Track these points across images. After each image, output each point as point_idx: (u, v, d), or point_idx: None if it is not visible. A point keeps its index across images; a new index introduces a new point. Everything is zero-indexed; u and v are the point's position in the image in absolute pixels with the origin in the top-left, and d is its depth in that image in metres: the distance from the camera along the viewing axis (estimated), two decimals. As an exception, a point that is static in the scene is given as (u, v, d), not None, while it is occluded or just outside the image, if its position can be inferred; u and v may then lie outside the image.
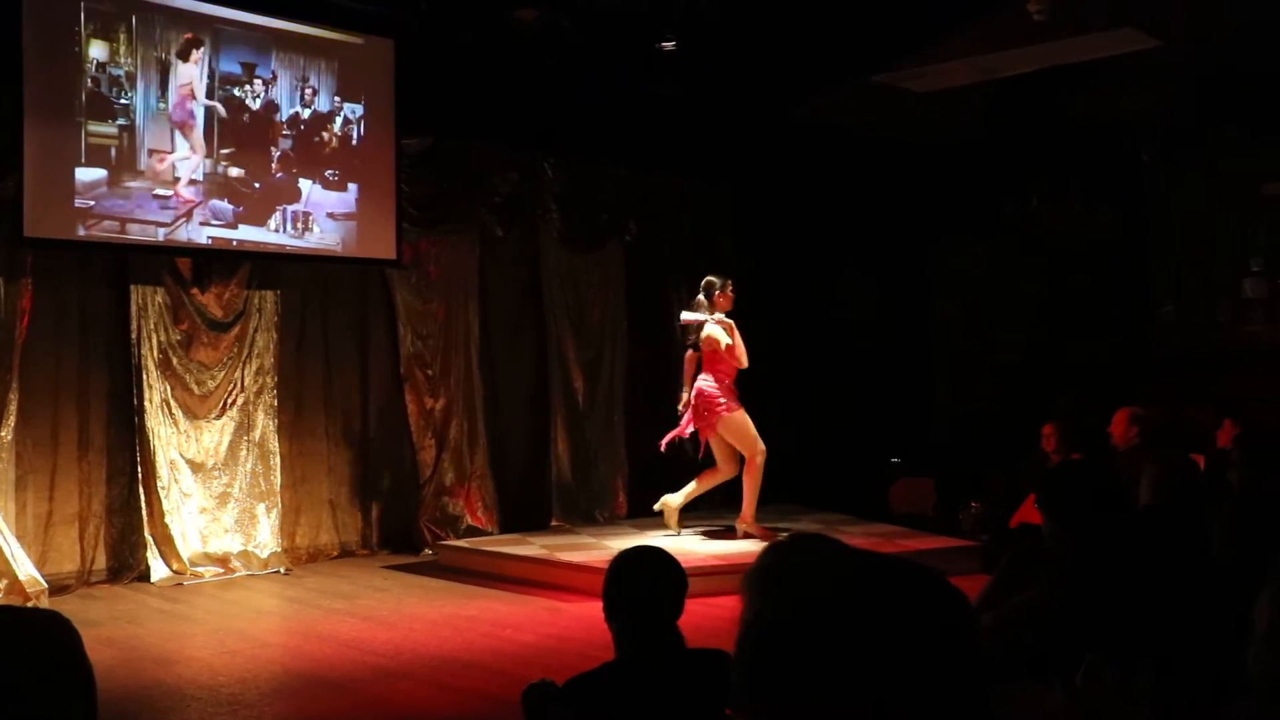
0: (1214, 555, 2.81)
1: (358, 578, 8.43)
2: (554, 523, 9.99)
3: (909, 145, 11.28)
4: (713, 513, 9.86)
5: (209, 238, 8.28)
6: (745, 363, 8.63)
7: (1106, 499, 3.06)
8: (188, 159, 8.15)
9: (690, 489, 8.84)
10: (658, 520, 9.11)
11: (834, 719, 1.08)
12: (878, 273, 11.85)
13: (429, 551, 9.20)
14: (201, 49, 8.14)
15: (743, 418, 8.58)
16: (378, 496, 9.46)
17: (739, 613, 1.20)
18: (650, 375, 10.49)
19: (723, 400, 8.55)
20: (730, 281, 8.72)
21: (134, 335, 8.23)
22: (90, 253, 8.01)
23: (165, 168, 8.05)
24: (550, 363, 10.28)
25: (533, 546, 8.75)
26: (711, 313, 8.63)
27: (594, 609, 3.02)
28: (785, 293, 11.44)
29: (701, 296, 8.72)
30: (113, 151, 7.84)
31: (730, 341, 8.56)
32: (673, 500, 8.85)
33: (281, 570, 8.55)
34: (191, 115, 8.14)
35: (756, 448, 8.57)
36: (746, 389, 11.30)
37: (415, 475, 9.52)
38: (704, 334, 8.57)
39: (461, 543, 9.13)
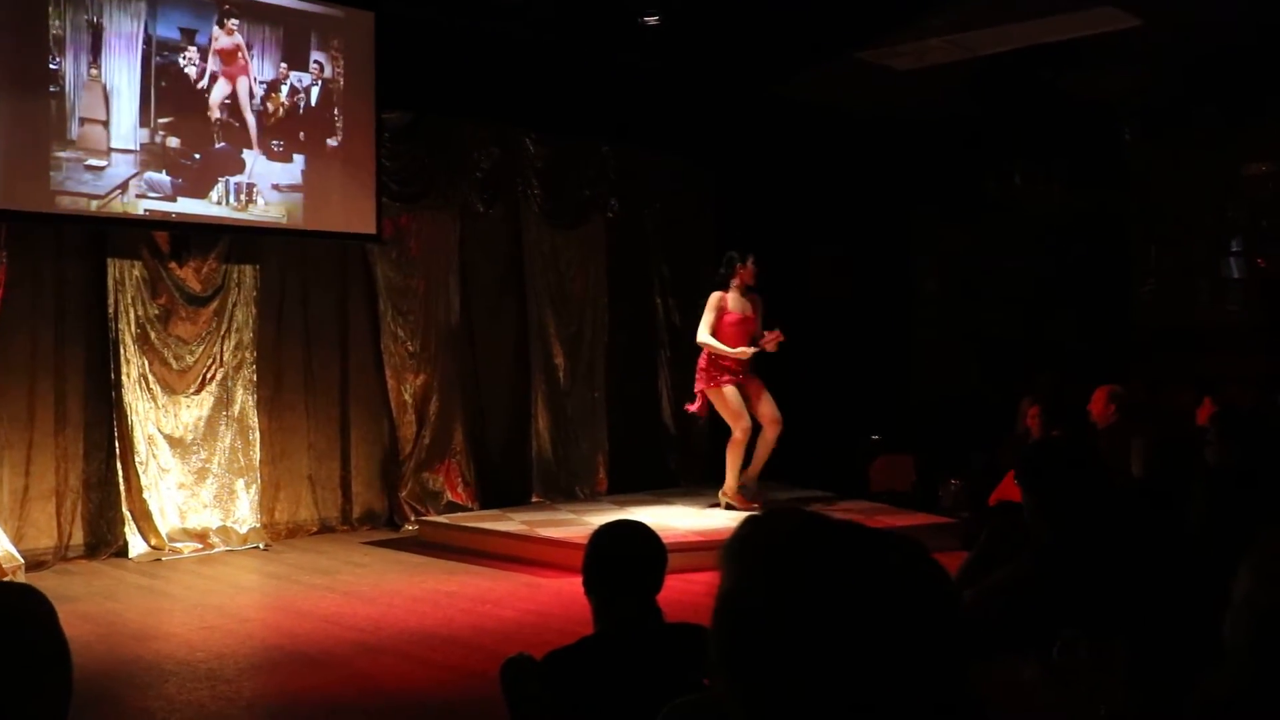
0: (1190, 529, 2.82)
1: (337, 553, 8.42)
2: (534, 499, 10.00)
3: (891, 123, 11.26)
4: (696, 488, 9.90)
5: (146, 210, 8.02)
6: (701, 339, 8.63)
7: (1084, 475, 3.07)
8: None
9: (733, 468, 8.83)
10: (638, 496, 9.13)
11: (810, 690, 1.08)
12: (859, 250, 11.85)
13: (409, 527, 9.19)
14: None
15: (728, 392, 8.61)
16: (358, 472, 9.44)
17: (717, 586, 1.20)
18: (631, 351, 10.49)
19: (709, 372, 8.65)
20: (751, 256, 8.73)
21: (111, 310, 8.16)
22: (56, 225, 7.84)
23: (99, 136, 7.78)
24: (531, 339, 10.27)
25: (513, 522, 8.75)
26: (728, 288, 8.67)
27: (574, 584, 3.02)
28: (766, 269, 11.42)
29: (722, 270, 8.74)
30: (41, 118, 7.56)
31: (715, 318, 8.59)
32: (728, 488, 8.87)
33: (261, 546, 8.53)
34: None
35: (737, 423, 8.59)
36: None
37: (395, 451, 9.50)
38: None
39: (442, 518, 9.13)
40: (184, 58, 8.16)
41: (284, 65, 8.64)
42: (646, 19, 8.79)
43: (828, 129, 11.08)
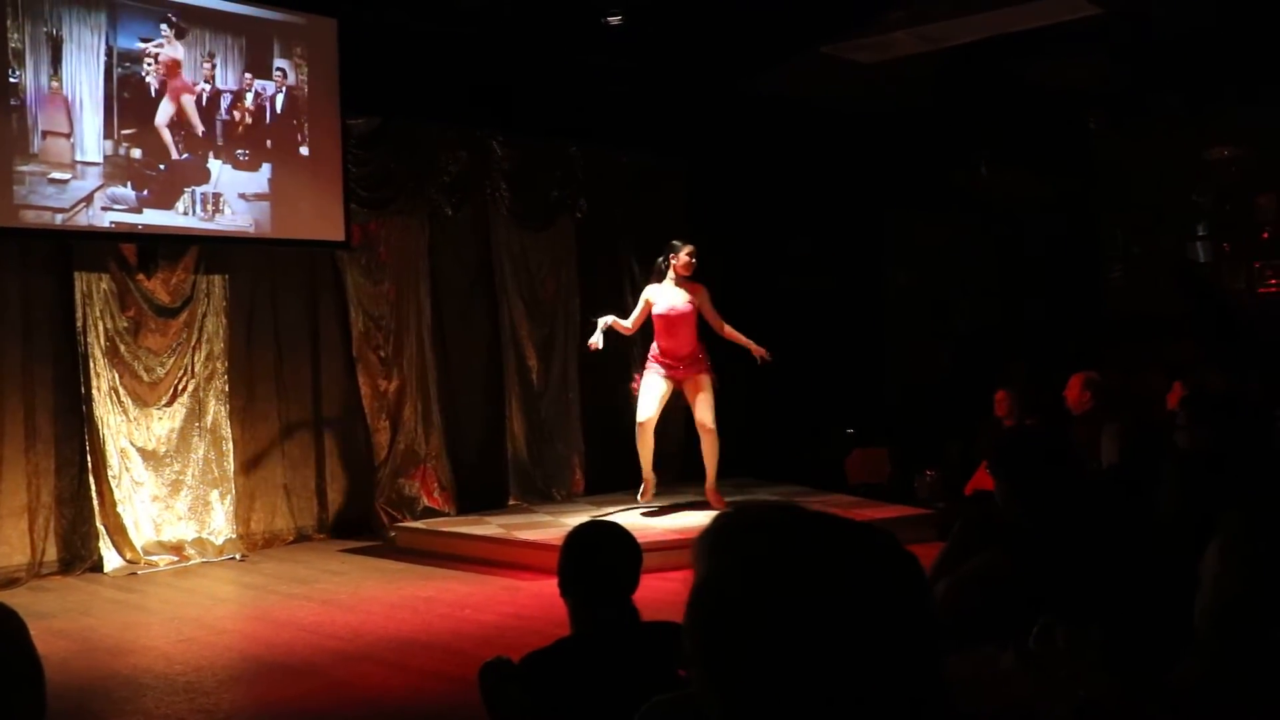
0: (1161, 514, 2.84)
1: (314, 562, 8.38)
2: (511, 502, 9.98)
3: (858, 116, 11.29)
4: (669, 487, 9.89)
5: (111, 222, 7.97)
6: (625, 323, 8.64)
7: (1056, 462, 3.09)
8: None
9: (641, 456, 8.70)
10: (615, 497, 9.12)
11: (784, 680, 1.08)
12: (830, 243, 11.87)
13: (386, 534, 9.15)
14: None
15: (646, 380, 8.57)
16: (333, 480, 9.40)
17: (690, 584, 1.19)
18: (604, 352, 10.47)
19: (643, 363, 8.70)
20: (688, 247, 8.61)
21: (79, 323, 8.10)
22: (21, 240, 7.77)
23: (61, 149, 7.72)
24: (504, 342, 10.24)
25: (490, 526, 8.73)
26: (661, 280, 8.58)
27: (552, 587, 3.01)
28: (738, 265, 11.45)
29: (661, 261, 8.67)
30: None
31: (639, 311, 8.61)
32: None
33: (237, 557, 8.48)
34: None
35: (639, 415, 8.49)
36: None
37: (370, 458, 9.47)
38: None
39: (418, 524, 9.10)
40: (145, 69, 8.08)
41: (248, 75, 8.58)
42: (609, 19, 8.78)
43: (796, 124, 11.10)
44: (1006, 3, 8.56)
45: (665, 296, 8.54)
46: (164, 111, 8.21)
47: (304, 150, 8.85)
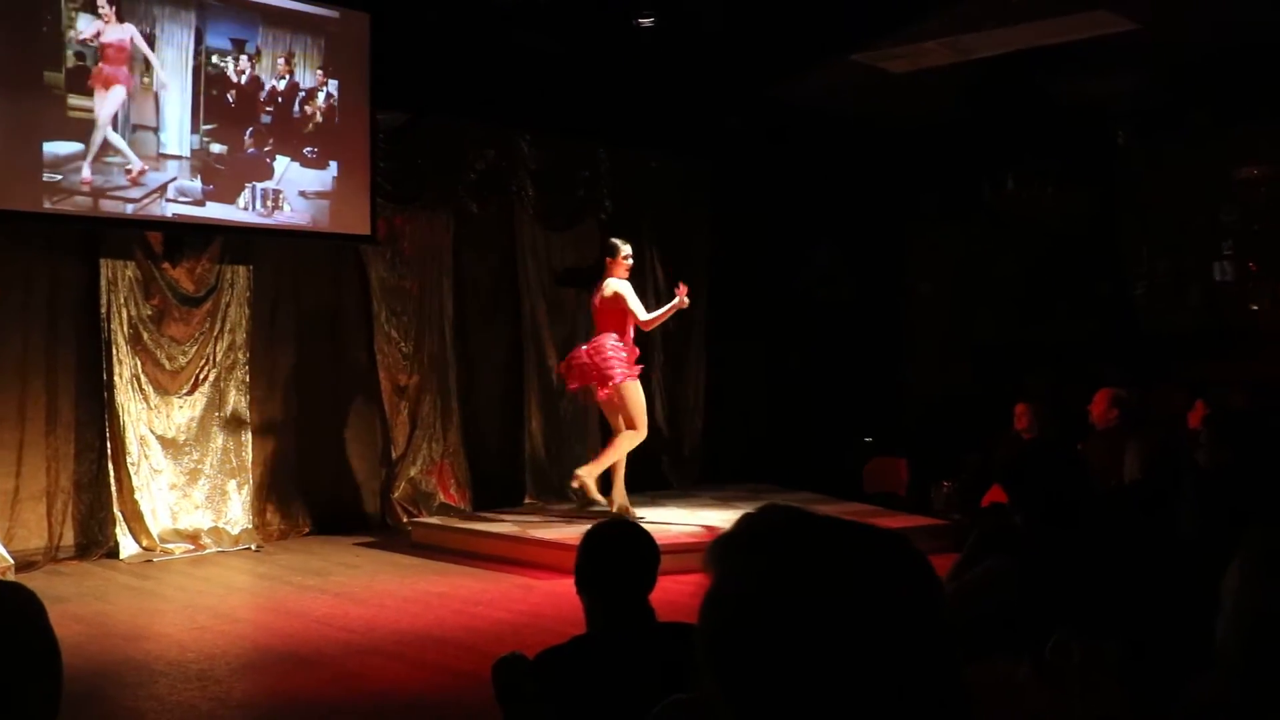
0: (1182, 531, 2.83)
1: (329, 554, 8.41)
2: (527, 500, 9.99)
3: (886, 126, 11.27)
4: (689, 490, 9.90)
5: (174, 214, 8.17)
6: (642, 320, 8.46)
7: (1065, 476, 3.08)
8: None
9: (610, 459, 8.59)
10: (631, 498, 9.08)
11: (797, 686, 1.07)
12: (853, 252, 11.86)
13: (402, 529, 9.17)
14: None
15: (638, 388, 8.45)
16: (350, 473, 9.43)
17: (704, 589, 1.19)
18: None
19: (624, 368, 8.40)
20: (629, 249, 8.53)
21: (104, 310, 8.15)
22: (48, 225, 7.85)
23: (149, 142, 7.98)
24: (524, 340, 10.26)
25: (506, 524, 8.74)
26: (602, 278, 8.50)
27: (566, 586, 3.02)
28: (761, 271, 11.46)
29: (607, 257, 8.58)
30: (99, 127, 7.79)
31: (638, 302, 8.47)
32: (583, 471, 8.62)
33: (253, 547, 8.52)
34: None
35: (644, 422, 8.43)
36: (722, 366, 11.34)
37: (388, 452, 9.49)
38: (610, 291, 8.42)
39: (434, 520, 9.12)
40: (231, 66, 8.36)
41: (319, 72, 8.84)
42: (641, 20, 8.78)
43: (824, 132, 11.10)
44: (1040, 16, 8.52)
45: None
46: (240, 108, 8.43)
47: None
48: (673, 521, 8.55)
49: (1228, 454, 3.82)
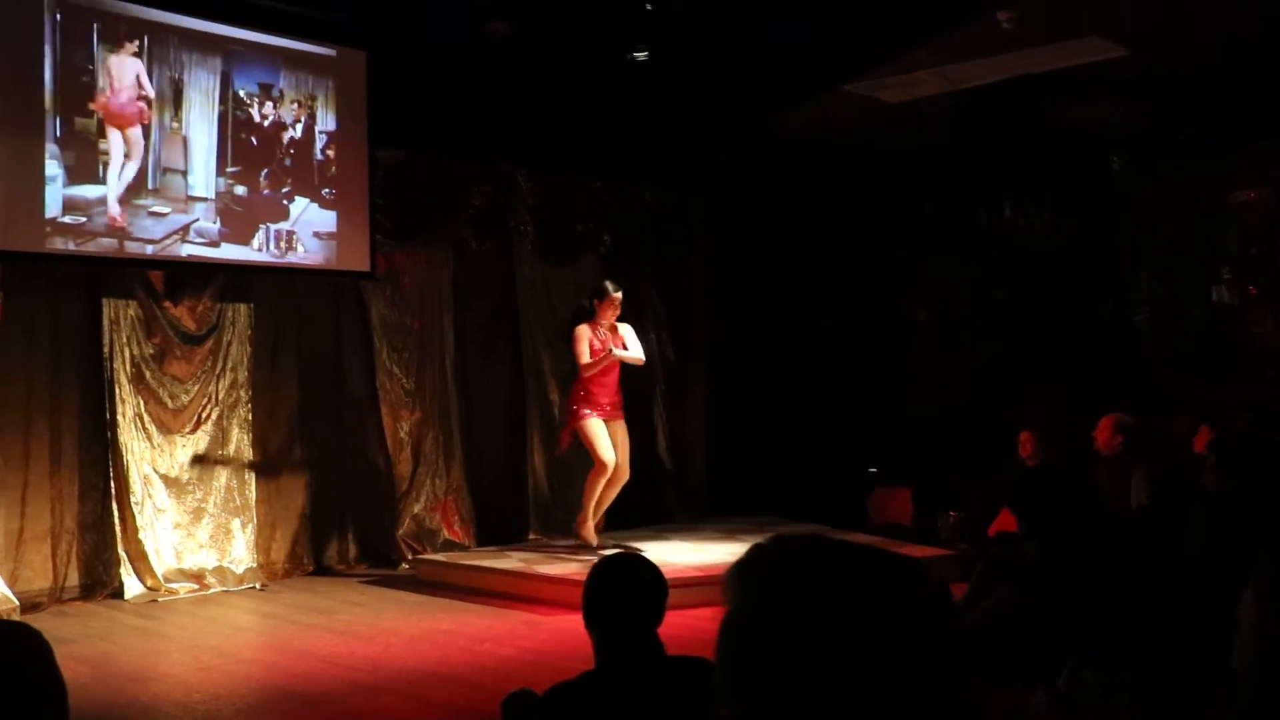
0: (1189, 555, 2.82)
1: (334, 593, 8.38)
2: (531, 536, 9.95)
3: (881, 155, 11.31)
4: (693, 524, 9.88)
5: (188, 255, 8.26)
6: (584, 361, 8.43)
7: (1076, 502, 3.07)
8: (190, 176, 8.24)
9: (590, 499, 8.61)
10: (636, 532, 9.10)
11: (817, 711, 1.07)
12: (851, 282, 11.87)
13: (406, 566, 9.15)
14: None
15: (595, 425, 8.45)
16: (354, 511, 9.40)
17: (721, 617, 1.19)
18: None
19: (578, 407, 8.49)
20: (619, 294, 8.54)
21: (106, 349, 8.16)
22: (52, 266, 7.90)
23: (178, 185, 8.14)
24: (526, 375, 10.26)
25: (510, 560, 8.71)
26: (590, 319, 8.53)
27: (572, 622, 3.01)
28: (759, 302, 11.47)
29: (587, 303, 8.63)
30: (131, 170, 7.94)
31: (585, 350, 8.42)
32: (577, 528, 8.72)
33: (257, 586, 8.49)
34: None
35: (604, 457, 8.42)
36: (724, 398, 11.32)
37: (391, 489, 9.47)
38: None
39: (439, 556, 9.09)
40: (255, 110, 8.52)
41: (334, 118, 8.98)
42: (635, 54, 8.83)
43: (819, 161, 11.14)
44: (1031, 44, 8.57)
45: (602, 338, 8.51)
46: (262, 150, 8.58)
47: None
48: (678, 555, 8.52)
49: (1234, 478, 3.81)
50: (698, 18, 8.39)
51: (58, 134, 7.69)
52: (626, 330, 8.68)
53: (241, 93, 8.47)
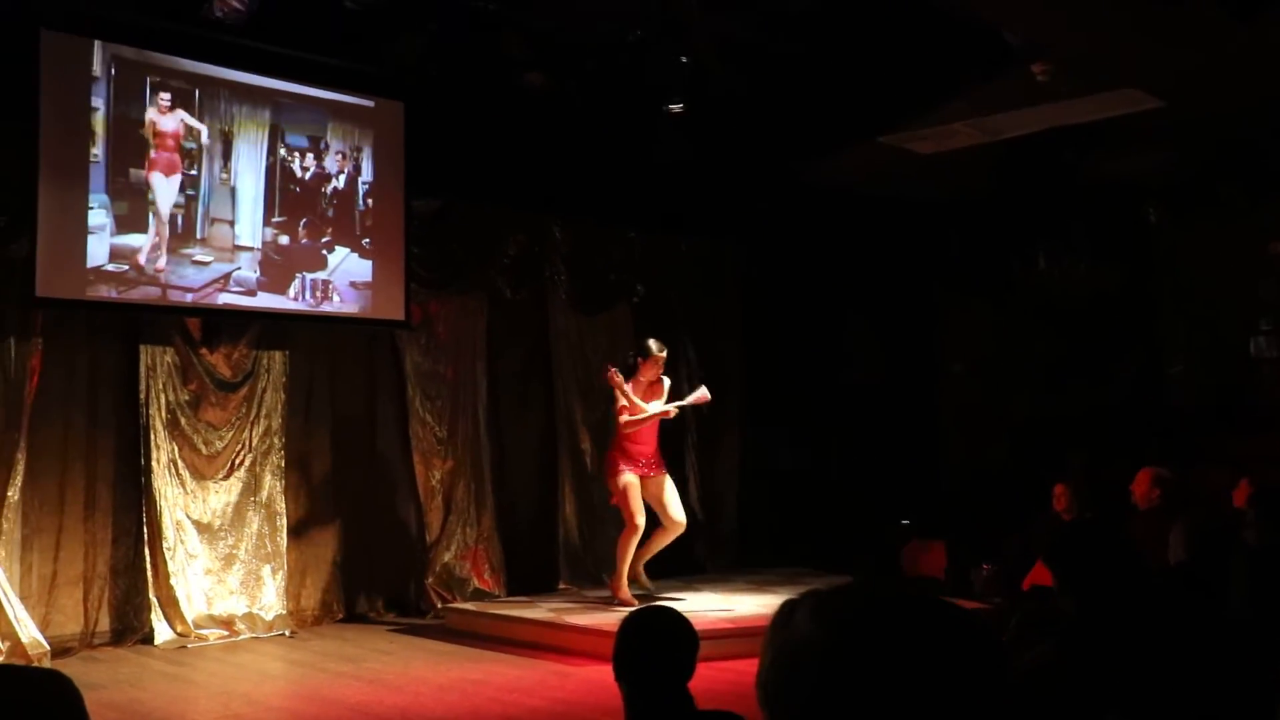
0: (1231, 612, 2.77)
1: (364, 641, 8.36)
2: (562, 585, 9.91)
3: (915, 205, 11.32)
4: (723, 575, 9.82)
5: (224, 303, 8.36)
6: (622, 419, 8.47)
7: (1115, 557, 3.03)
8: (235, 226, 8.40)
9: (623, 560, 8.56)
10: (666, 583, 9.04)
11: None
12: (885, 332, 11.85)
13: (436, 615, 9.12)
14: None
15: (630, 483, 8.41)
16: (384, 558, 9.39)
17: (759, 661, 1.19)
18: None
19: (616, 463, 8.49)
20: (663, 355, 8.59)
21: (142, 395, 8.22)
22: (96, 311, 8.01)
23: (225, 235, 8.30)
24: (558, 424, 10.25)
25: (540, 609, 8.67)
26: (631, 376, 8.55)
27: (602, 673, 2.99)
28: (792, 352, 11.45)
29: (630, 360, 8.65)
30: (179, 219, 8.11)
31: (625, 404, 8.44)
32: (615, 582, 8.65)
33: (286, 633, 8.48)
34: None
35: (635, 519, 8.39)
36: (756, 448, 11.27)
37: (422, 537, 9.46)
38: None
39: (468, 605, 9.06)
40: (299, 162, 8.69)
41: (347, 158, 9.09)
42: (671, 107, 8.90)
43: (853, 212, 11.16)
44: (1066, 96, 8.57)
45: (636, 391, 8.51)
46: (307, 201, 8.74)
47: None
48: (708, 607, 8.46)
49: (1276, 532, 3.76)
50: (733, 71, 8.44)
51: (109, 184, 7.84)
52: (667, 385, 8.67)
53: (289, 144, 8.65)
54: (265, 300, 8.53)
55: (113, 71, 7.84)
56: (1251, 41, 7.38)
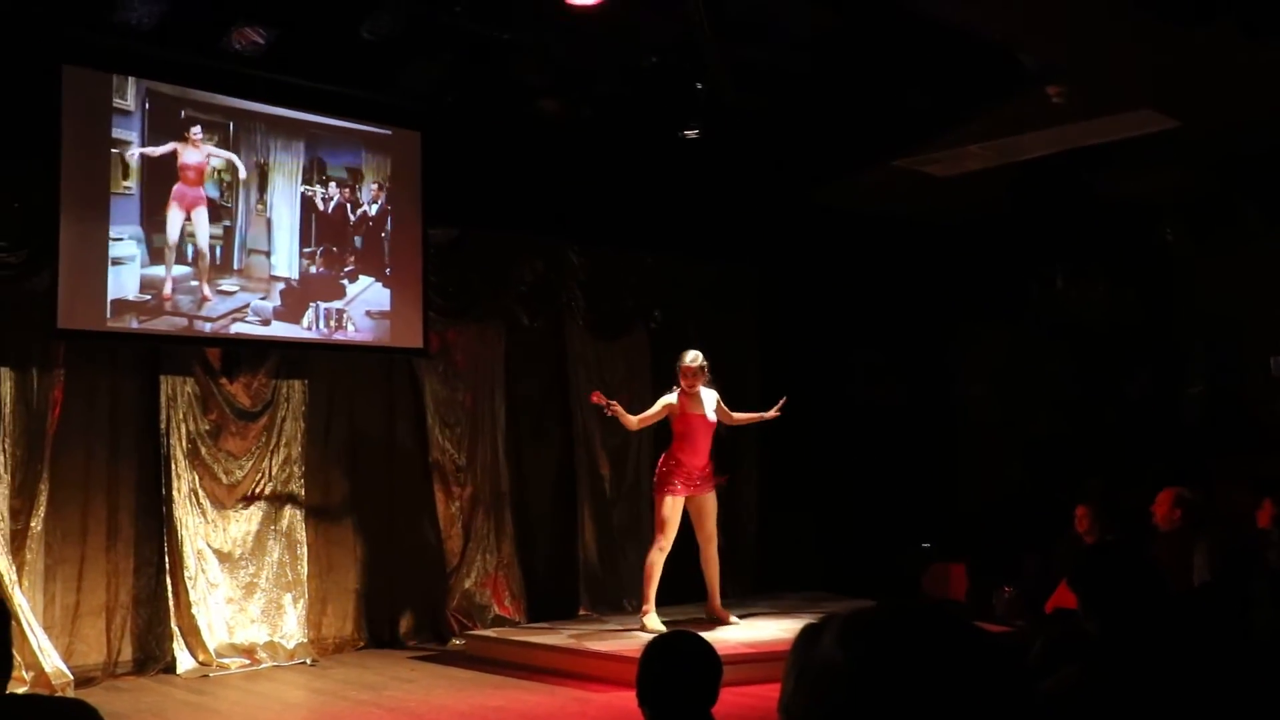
0: (1256, 633, 2.76)
1: (384, 668, 8.36)
2: (582, 611, 9.89)
3: (932, 227, 11.33)
4: (744, 600, 9.78)
5: (236, 332, 8.41)
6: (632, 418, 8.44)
7: (1142, 580, 3.01)
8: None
9: (649, 583, 8.51)
10: (686, 608, 9.01)
11: None
12: (902, 354, 11.83)
13: (456, 641, 9.11)
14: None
15: (670, 503, 8.37)
16: (404, 586, 9.40)
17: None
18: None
19: (665, 477, 8.44)
20: (689, 361, 8.53)
21: (163, 425, 8.27)
22: (118, 344, 8.08)
23: (261, 266, 8.41)
24: (577, 450, 10.26)
25: (561, 636, 8.66)
26: (674, 389, 8.56)
27: (623, 699, 2.99)
28: (810, 376, 11.43)
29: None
30: (218, 250, 8.25)
31: (653, 412, 8.50)
32: (641, 616, 8.59)
33: (308, 661, 8.49)
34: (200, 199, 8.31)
35: (661, 539, 8.37)
36: (775, 472, 11.25)
37: (442, 564, 9.47)
38: None
39: (489, 632, 9.05)
40: (337, 193, 8.84)
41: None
42: (687, 133, 8.93)
43: (870, 235, 11.17)
44: (1082, 117, 8.58)
45: (691, 405, 8.49)
46: (337, 231, 8.86)
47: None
48: (729, 632, 8.44)
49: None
50: (748, 95, 8.48)
51: (144, 217, 7.93)
52: (709, 395, 8.62)
53: (326, 175, 8.78)
54: (279, 329, 8.58)
55: (146, 106, 7.93)
56: (1266, 61, 7.39)
